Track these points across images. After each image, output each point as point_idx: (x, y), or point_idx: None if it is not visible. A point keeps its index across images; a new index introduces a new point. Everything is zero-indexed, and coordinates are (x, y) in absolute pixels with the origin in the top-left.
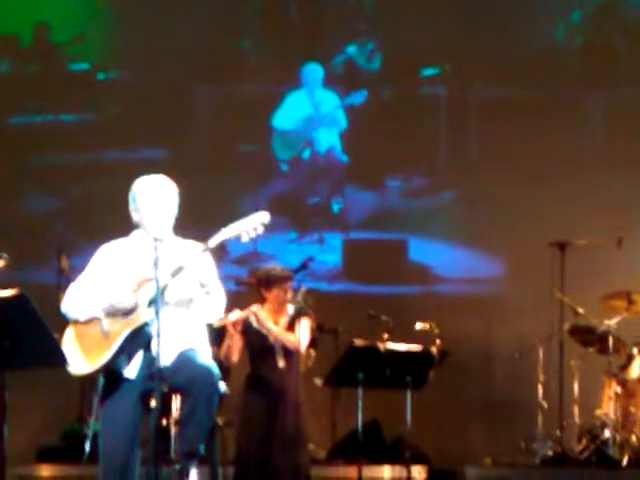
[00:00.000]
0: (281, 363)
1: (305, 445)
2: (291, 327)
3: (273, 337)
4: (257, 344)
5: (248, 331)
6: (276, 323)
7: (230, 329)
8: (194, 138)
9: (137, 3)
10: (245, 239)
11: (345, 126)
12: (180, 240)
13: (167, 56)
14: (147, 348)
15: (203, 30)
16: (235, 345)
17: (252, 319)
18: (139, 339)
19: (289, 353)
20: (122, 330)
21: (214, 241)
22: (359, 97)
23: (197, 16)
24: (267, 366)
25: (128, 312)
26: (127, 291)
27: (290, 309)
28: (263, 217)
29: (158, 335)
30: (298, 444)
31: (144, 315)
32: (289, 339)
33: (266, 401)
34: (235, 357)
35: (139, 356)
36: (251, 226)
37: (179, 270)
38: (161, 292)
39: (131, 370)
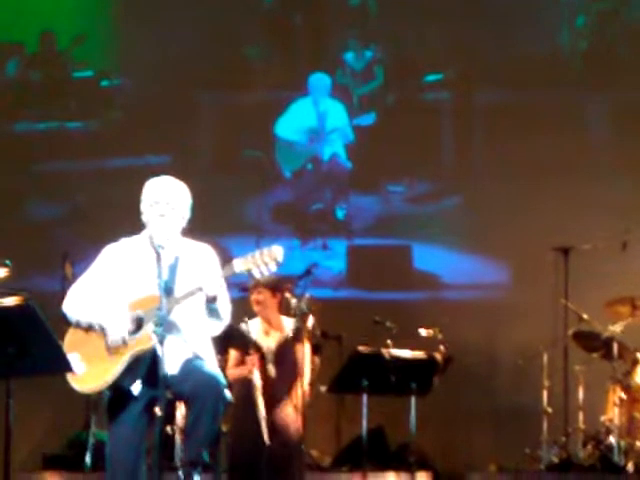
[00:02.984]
0: (272, 372)
1: (299, 456)
2: (282, 347)
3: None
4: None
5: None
6: (267, 332)
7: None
8: (198, 144)
9: (141, 10)
10: (256, 275)
11: (353, 139)
12: (187, 241)
13: (171, 63)
14: (153, 361)
15: (208, 37)
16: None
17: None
18: (144, 359)
19: (281, 362)
20: (126, 352)
21: (224, 273)
22: (368, 119)
23: (202, 23)
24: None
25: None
26: (119, 326)
27: (288, 325)
28: (277, 253)
29: (162, 343)
30: (291, 455)
31: (148, 341)
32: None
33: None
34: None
35: (145, 369)
36: (263, 261)
37: (197, 290)
38: (168, 312)
39: (137, 386)
